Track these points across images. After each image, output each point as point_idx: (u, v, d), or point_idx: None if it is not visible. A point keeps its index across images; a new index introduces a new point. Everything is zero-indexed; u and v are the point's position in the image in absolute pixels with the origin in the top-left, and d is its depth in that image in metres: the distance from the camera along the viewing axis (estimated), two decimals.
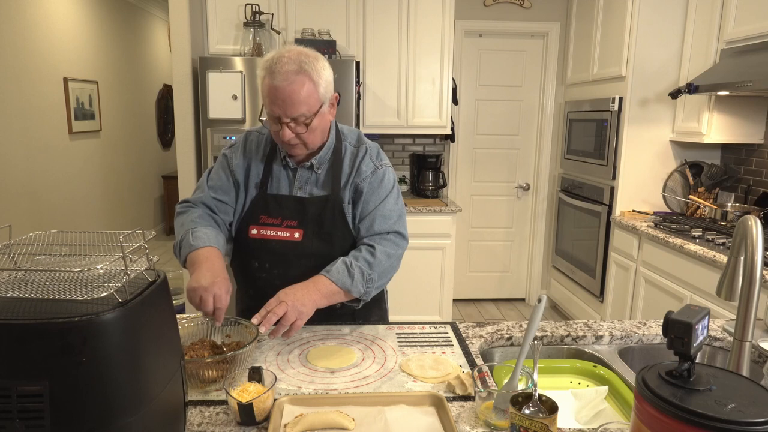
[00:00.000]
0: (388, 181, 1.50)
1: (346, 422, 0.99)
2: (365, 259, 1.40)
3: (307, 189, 1.48)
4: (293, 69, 1.30)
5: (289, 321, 1.24)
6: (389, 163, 1.55)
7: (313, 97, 1.34)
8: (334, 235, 1.46)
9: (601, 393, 1.23)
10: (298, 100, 1.31)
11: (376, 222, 1.46)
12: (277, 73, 1.30)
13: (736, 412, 0.68)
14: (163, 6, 6.50)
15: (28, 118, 4.20)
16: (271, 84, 1.31)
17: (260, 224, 1.47)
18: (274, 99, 1.32)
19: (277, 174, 1.50)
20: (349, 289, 1.36)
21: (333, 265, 1.38)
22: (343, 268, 1.37)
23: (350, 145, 1.52)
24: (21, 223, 4.11)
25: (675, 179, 3.32)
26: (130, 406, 0.78)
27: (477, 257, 4.54)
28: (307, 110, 1.33)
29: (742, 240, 1.03)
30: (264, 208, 1.48)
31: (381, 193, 1.48)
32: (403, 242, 1.49)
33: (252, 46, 3.34)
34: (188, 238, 1.38)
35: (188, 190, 3.40)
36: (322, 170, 1.49)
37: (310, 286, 1.32)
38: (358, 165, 1.48)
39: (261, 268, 1.49)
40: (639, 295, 3.07)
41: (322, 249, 1.45)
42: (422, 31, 3.60)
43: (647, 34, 3.16)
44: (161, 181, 6.81)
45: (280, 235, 1.46)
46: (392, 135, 4.16)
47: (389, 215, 1.47)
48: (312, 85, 1.33)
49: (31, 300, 0.79)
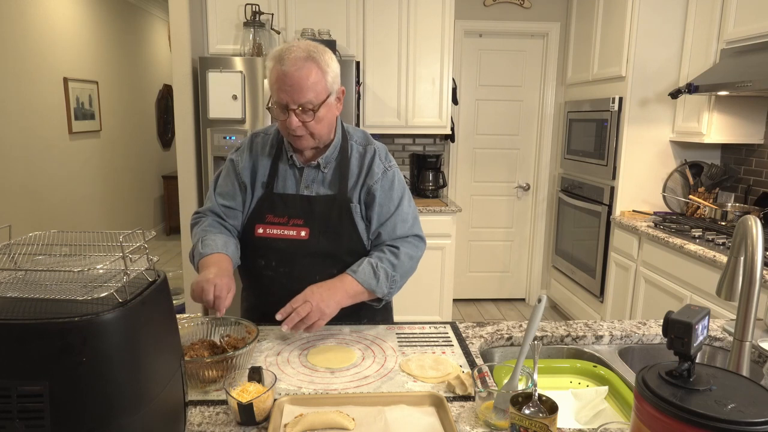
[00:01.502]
0: (399, 183, 1.52)
1: (346, 422, 0.99)
2: (389, 260, 1.44)
3: (313, 188, 1.49)
4: (302, 56, 1.33)
5: (311, 320, 1.28)
6: (396, 164, 1.56)
7: (321, 85, 1.35)
8: (340, 233, 1.47)
9: (601, 393, 1.23)
10: (306, 85, 1.32)
11: (397, 227, 1.49)
12: (286, 60, 1.32)
13: (736, 412, 0.68)
14: (163, 6, 6.50)
15: (28, 118, 4.20)
16: (280, 70, 1.32)
17: (266, 223, 1.48)
18: (282, 85, 1.33)
19: (283, 173, 1.50)
20: (374, 289, 1.40)
21: (359, 266, 1.41)
22: (369, 269, 1.40)
23: (357, 144, 1.53)
24: (21, 223, 4.11)
25: (675, 179, 3.32)
26: (130, 406, 0.78)
27: (477, 257, 4.54)
28: (315, 97, 1.34)
29: (742, 240, 1.03)
30: (270, 207, 1.48)
31: (395, 197, 1.50)
32: (422, 244, 1.54)
33: (252, 46, 3.34)
34: (198, 246, 1.42)
35: (188, 190, 3.41)
36: (329, 169, 1.49)
37: (337, 285, 1.35)
38: (369, 166, 1.49)
39: (267, 267, 1.49)
40: (639, 295, 3.07)
41: (329, 248, 1.46)
42: (422, 31, 3.60)
43: (647, 34, 3.16)
44: (161, 181, 6.81)
45: (286, 233, 1.46)
46: (392, 135, 4.16)
47: (406, 219, 1.51)
48: (320, 72, 1.34)
49: (31, 300, 0.79)
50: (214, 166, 3.29)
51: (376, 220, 1.49)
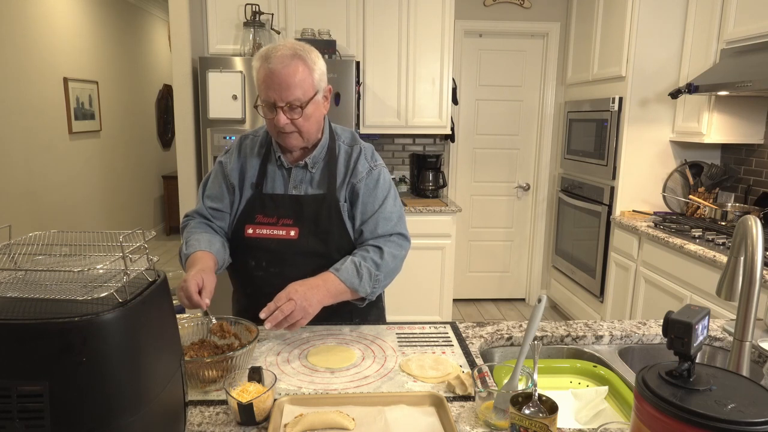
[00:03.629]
0: (384, 182, 1.52)
1: (346, 422, 0.99)
2: (373, 259, 1.42)
3: (302, 188, 1.49)
4: (288, 54, 1.34)
5: (294, 319, 1.26)
6: (384, 163, 1.56)
7: (308, 82, 1.36)
8: (330, 233, 1.47)
9: (601, 393, 1.23)
10: (293, 83, 1.33)
11: (379, 225, 1.48)
12: (273, 58, 1.33)
13: (736, 412, 0.68)
14: (163, 6, 6.50)
15: (28, 118, 4.20)
16: (267, 68, 1.33)
17: (256, 223, 1.49)
18: (270, 83, 1.34)
19: (272, 174, 1.51)
20: (357, 288, 1.38)
21: (342, 264, 1.39)
22: (353, 267, 1.39)
23: (344, 144, 1.53)
24: (21, 223, 4.11)
25: (675, 179, 3.32)
26: (130, 406, 0.78)
27: (477, 257, 4.54)
28: (302, 95, 1.35)
29: (742, 240, 1.03)
30: (260, 208, 1.49)
31: (379, 195, 1.49)
32: (406, 243, 1.52)
33: (252, 46, 3.34)
34: (183, 248, 1.45)
35: (188, 190, 3.41)
36: (317, 169, 1.50)
37: (319, 284, 1.33)
38: (354, 165, 1.50)
39: (258, 267, 1.49)
40: (639, 295, 3.07)
41: (318, 247, 1.46)
42: (422, 31, 3.60)
43: (647, 34, 3.16)
44: (161, 181, 6.81)
45: (276, 233, 1.47)
46: (392, 135, 4.16)
47: (390, 217, 1.49)
48: (307, 70, 1.36)
49: (31, 300, 0.79)
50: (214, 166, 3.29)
51: (359, 218, 1.49)
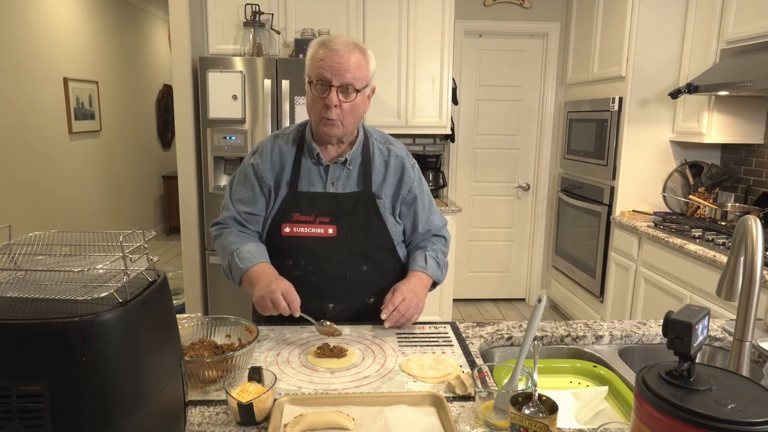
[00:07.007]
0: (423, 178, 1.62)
1: (346, 422, 0.99)
2: (442, 250, 1.59)
3: (339, 185, 1.50)
4: (351, 42, 1.40)
5: (411, 315, 1.40)
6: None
7: (363, 71, 1.40)
8: (368, 230, 1.48)
9: (601, 393, 1.23)
10: (352, 66, 1.37)
11: (434, 217, 1.60)
12: (334, 43, 1.37)
13: (736, 412, 0.68)
14: (163, 6, 6.49)
15: (28, 118, 4.20)
16: (327, 50, 1.37)
17: (293, 222, 1.48)
18: (329, 62, 1.36)
19: (307, 171, 1.50)
20: (439, 279, 1.55)
21: (425, 261, 1.52)
22: (434, 262, 1.53)
23: (378, 142, 1.56)
24: (21, 223, 4.11)
25: (675, 179, 3.32)
26: (130, 406, 0.78)
27: (477, 257, 4.54)
28: (358, 80, 1.38)
29: (742, 240, 1.03)
30: (296, 206, 1.48)
31: (425, 191, 1.60)
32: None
33: (252, 46, 3.34)
34: (235, 261, 1.45)
35: (188, 190, 3.40)
36: (354, 166, 1.51)
37: (417, 282, 1.47)
38: (401, 166, 1.54)
39: (296, 266, 1.49)
40: (639, 295, 3.07)
41: (357, 244, 1.48)
42: (422, 31, 3.60)
43: (647, 34, 3.16)
44: (161, 181, 6.81)
45: (314, 231, 1.47)
46: (392, 135, 4.15)
47: (436, 209, 1.63)
48: (364, 60, 1.40)
49: (31, 300, 0.79)
50: (214, 166, 3.29)
51: (422, 216, 1.57)
